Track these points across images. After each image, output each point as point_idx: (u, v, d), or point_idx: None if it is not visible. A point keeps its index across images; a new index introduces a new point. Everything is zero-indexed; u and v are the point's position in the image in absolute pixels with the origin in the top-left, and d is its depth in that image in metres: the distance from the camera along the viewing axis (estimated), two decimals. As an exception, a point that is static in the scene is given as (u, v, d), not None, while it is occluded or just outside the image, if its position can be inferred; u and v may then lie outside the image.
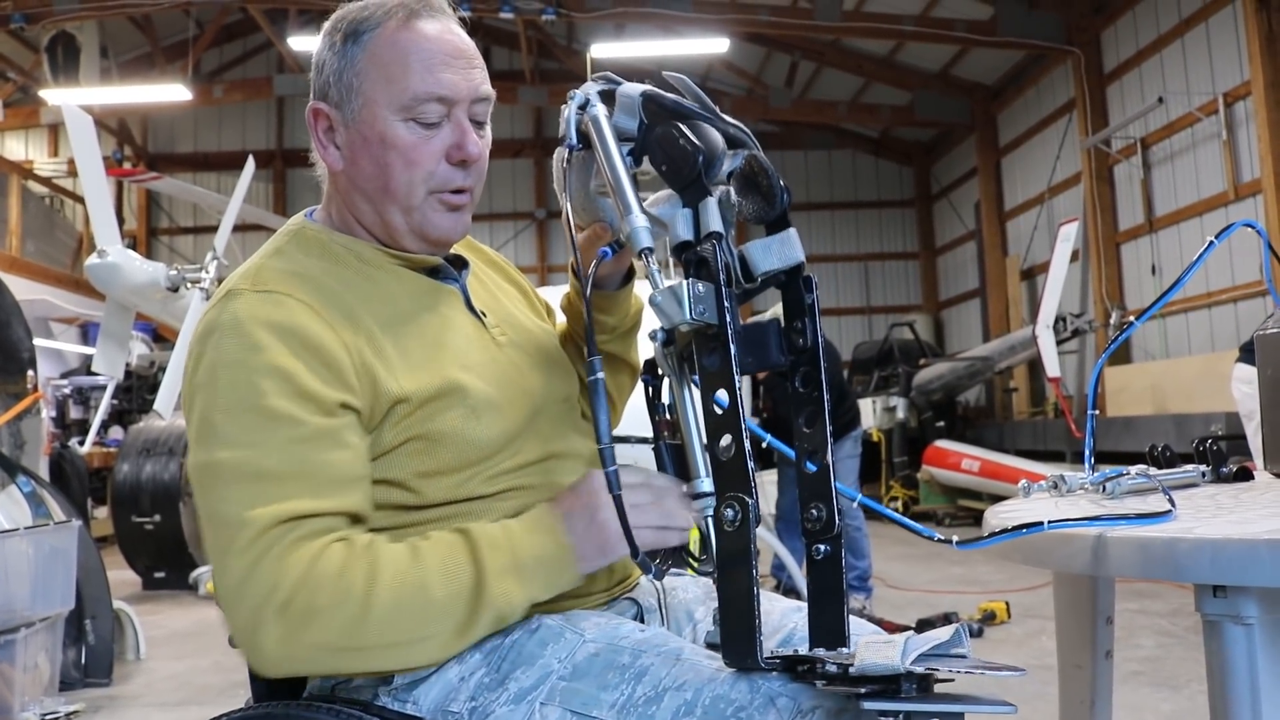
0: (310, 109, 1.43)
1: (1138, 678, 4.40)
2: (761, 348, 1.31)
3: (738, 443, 1.21)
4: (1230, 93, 9.82)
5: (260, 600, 1.19)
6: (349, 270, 1.39)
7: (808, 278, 1.33)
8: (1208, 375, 8.95)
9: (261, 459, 1.22)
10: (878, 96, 15.61)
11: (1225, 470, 1.89)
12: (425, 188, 1.39)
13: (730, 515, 1.18)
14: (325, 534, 1.23)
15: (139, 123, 17.55)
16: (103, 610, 5.14)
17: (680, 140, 1.27)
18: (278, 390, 1.24)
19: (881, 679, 1.10)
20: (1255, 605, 1.20)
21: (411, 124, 1.37)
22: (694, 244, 1.27)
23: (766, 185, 1.31)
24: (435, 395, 1.33)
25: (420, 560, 1.23)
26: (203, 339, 1.29)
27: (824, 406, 1.30)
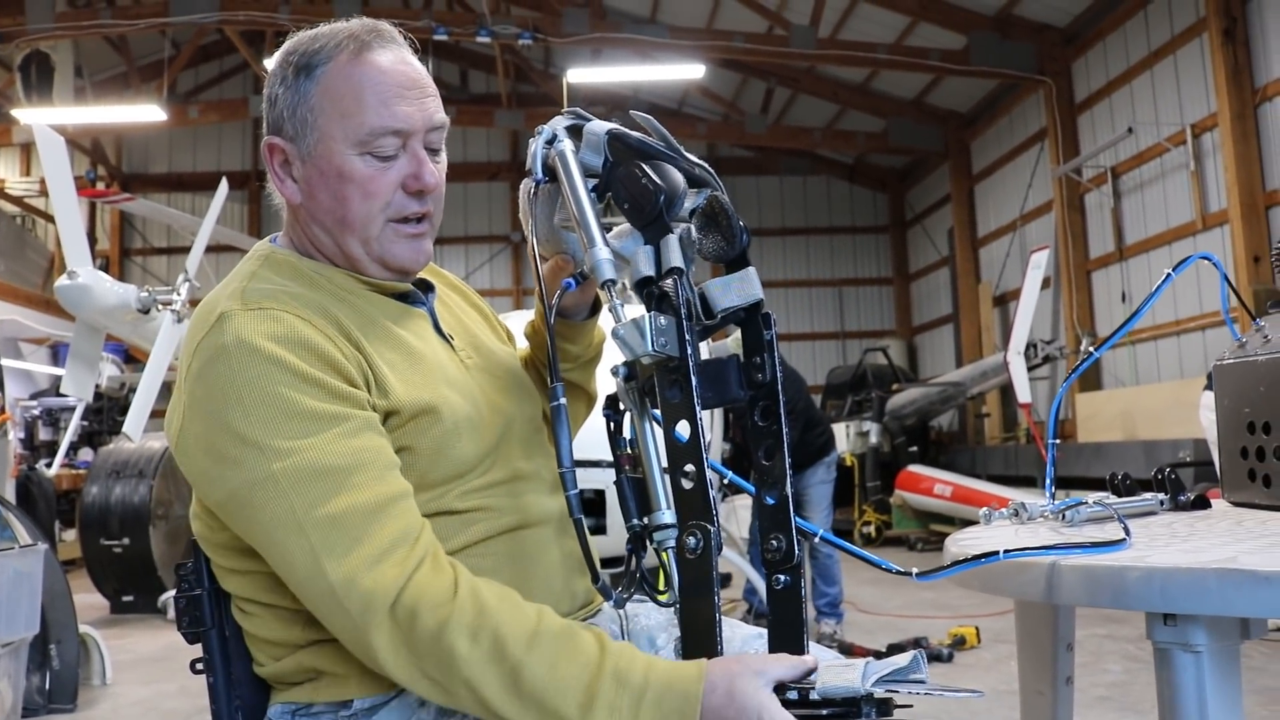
0: (265, 144, 1.43)
1: (1105, 703, 4.42)
2: (722, 383, 1.34)
3: (699, 473, 1.24)
4: (1198, 124, 9.97)
5: (377, 605, 1.19)
6: (323, 292, 1.39)
7: (766, 314, 1.36)
8: (1176, 402, 9.04)
9: (320, 458, 1.22)
10: (852, 123, 15.75)
11: (1184, 498, 1.92)
12: (383, 218, 1.40)
13: (692, 544, 1.20)
14: (428, 551, 1.23)
15: (113, 142, 17.47)
16: (68, 635, 5.08)
17: (643, 179, 1.30)
18: (313, 395, 1.25)
19: (842, 702, 1.12)
20: (1204, 633, 1.22)
21: (368, 157, 1.38)
22: (655, 279, 1.30)
23: (727, 225, 1.34)
24: (423, 410, 1.34)
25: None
26: (210, 364, 1.27)
27: (783, 440, 1.32)
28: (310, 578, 1.21)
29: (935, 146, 15.44)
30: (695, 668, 1.17)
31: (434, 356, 1.43)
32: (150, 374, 6.97)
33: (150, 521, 8.05)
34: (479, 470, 1.39)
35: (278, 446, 1.22)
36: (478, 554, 1.35)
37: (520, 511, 1.41)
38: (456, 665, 1.17)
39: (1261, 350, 1.83)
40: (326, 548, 1.20)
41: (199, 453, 1.28)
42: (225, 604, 1.43)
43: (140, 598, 8.07)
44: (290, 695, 1.37)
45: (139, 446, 8.38)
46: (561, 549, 1.46)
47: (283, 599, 1.33)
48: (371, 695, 1.32)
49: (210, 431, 1.26)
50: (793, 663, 1.18)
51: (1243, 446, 1.85)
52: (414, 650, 1.19)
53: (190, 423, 1.29)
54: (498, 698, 1.17)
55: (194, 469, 1.30)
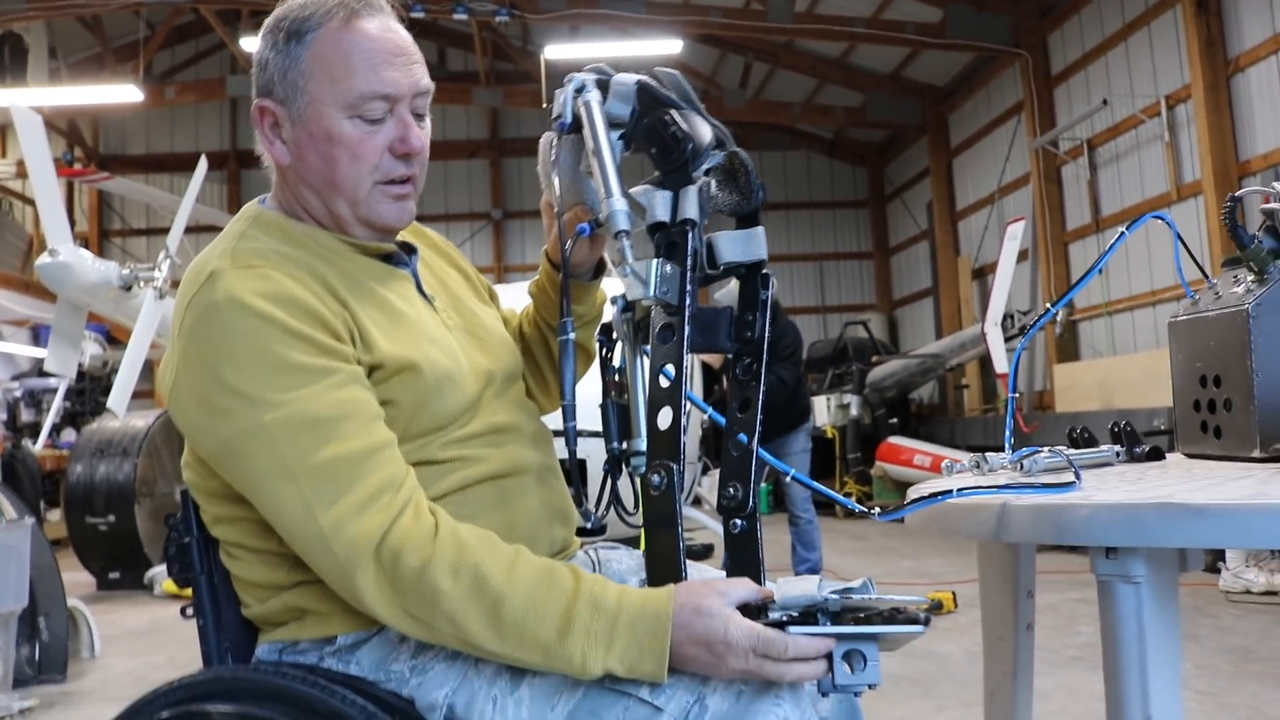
0: (256, 106, 1.48)
1: (1077, 662, 4.53)
2: (712, 331, 1.40)
3: (675, 416, 1.30)
4: (1172, 95, 10.05)
5: (363, 548, 1.26)
6: (310, 253, 1.44)
7: (766, 275, 1.42)
8: (1152, 372, 9.15)
9: (309, 410, 1.28)
10: (831, 98, 15.78)
11: (1138, 450, 1.99)
12: (371, 180, 1.45)
13: (656, 481, 1.27)
14: (411, 498, 1.29)
15: (90, 124, 17.36)
16: (56, 608, 5.13)
17: (672, 127, 1.35)
18: (302, 349, 1.31)
19: (801, 611, 1.19)
20: (1143, 565, 1.29)
21: (356, 120, 1.42)
22: (669, 226, 1.35)
23: (745, 181, 1.39)
24: (405, 366, 1.40)
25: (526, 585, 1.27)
26: (202, 320, 1.32)
27: (758, 395, 1.39)
28: (300, 523, 1.28)
29: (913, 120, 15.49)
30: (665, 591, 1.24)
31: (416, 316, 1.49)
32: (133, 351, 6.99)
33: (135, 499, 8.09)
34: (459, 423, 1.45)
35: (269, 399, 1.28)
36: (458, 501, 1.41)
37: (501, 460, 1.48)
38: (439, 601, 1.24)
39: (1213, 307, 1.90)
40: (316, 495, 1.27)
41: (191, 405, 1.34)
42: (213, 551, 1.49)
43: (126, 574, 8.12)
44: (277, 635, 1.44)
45: (123, 425, 8.41)
46: (541, 497, 1.52)
47: (269, 543, 1.39)
48: (354, 632, 1.39)
49: (203, 384, 1.31)
50: (754, 588, 1.26)
51: (1195, 400, 1.92)
52: (398, 589, 1.26)
53: (183, 376, 1.35)
54: (479, 630, 1.24)
55: (187, 420, 1.36)
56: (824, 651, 1.20)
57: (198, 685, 1.39)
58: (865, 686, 1.22)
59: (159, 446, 8.63)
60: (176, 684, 1.40)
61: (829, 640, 1.20)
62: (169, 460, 8.82)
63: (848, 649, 1.21)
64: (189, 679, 1.39)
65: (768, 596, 1.24)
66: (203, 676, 1.39)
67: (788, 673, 1.20)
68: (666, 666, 1.22)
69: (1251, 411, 1.72)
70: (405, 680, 1.35)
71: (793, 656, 1.19)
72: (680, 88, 1.43)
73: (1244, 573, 5.83)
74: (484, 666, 1.31)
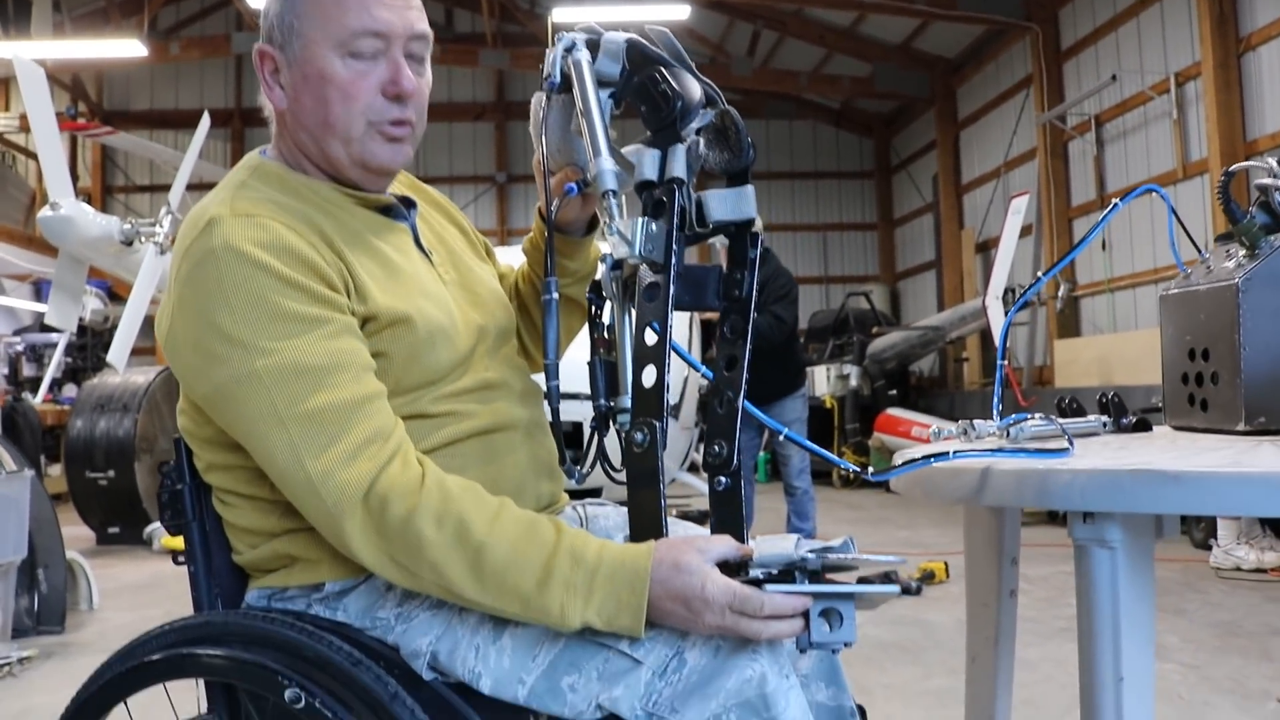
0: (256, 51, 1.49)
1: (1064, 633, 4.56)
2: (700, 289, 1.41)
3: (659, 374, 1.31)
4: (1181, 73, 9.99)
5: (351, 495, 1.28)
6: (308, 204, 1.45)
7: (754, 234, 1.42)
8: (1153, 348, 9.08)
9: (301, 357, 1.30)
10: (839, 68, 15.68)
11: (1125, 421, 2.01)
12: (364, 120, 1.45)
13: (639, 438, 1.29)
14: (399, 448, 1.31)
15: (94, 79, 17.28)
16: (55, 560, 5.18)
17: (662, 84, 1.36)
18: (296, 298, 1.32)
19: (779, 570, 1.21)
20: (1119, 530, 1.31)
21: (348, 60, 1.43)
22: (656, 185, 1.36)
23: (736, 139, 1.40)
24: (399, 319, 1.41)
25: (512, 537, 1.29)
26: (199, 266, 1.34)
27: (745, 354, 1.40)
28: (289, 469, 1.30)
29: (921, 92, 15.40)
30: (645, 546, 1.27)
31: (412, 269, 1.50)
32: (133, 305, 7.01)
33: (135, 455, 8.13)
34: (451, 378, 1.47)
35: (262, 345, 1.30)
36: (448, 454, 1.43)
37: (490, 416, 1.49)
38: (423, 549, 1.26)
39: (1203, 280, 1.91)
40: (305, 442, 1.29)
41: (187, 350, 1.35)
42: (205, 498, 1.51)
43: (126, 529, 8.17)
44: (266, 581, 1.46)
45: (124, 381, 8.44)
46: (529, 453, 1.54)
47: (261, 490, 1.41)
48: (341, 579, 1.41)
49: (198, 330, 1.33)
50: (734, 545, 1.28)
51: (1184, 373, 1.94)
52: (384, 536, 1.28)
53: (179, 322, 1.36)
54: (460, 578, 1.26)
55: (182, 365, 1.38)
56: (800, 609, 1.22)
57: (188, 629, 1.41)
58: (842, 644, 1.24)
59: (159, 403, 8.66)
60: (167, 628, 1.43)
61: (805, 598, 1.22)
62: (169, 417, 8.85)
63: (824, 607, 1.22)
64: (179, 623, 1.42)
65: (747, 554, 1.26)
66: (193, 621, 1.42)
67: (764, 630, 1.22)
68: (644, 621, 1.24)
69: (1238, 385, 1.73)
70: (390, 628, 1.38)
71: (769, 614, 1.21)
72: (671, 45, 1.43)
73: (1235, 549, 5.87)
74: (467, 616, 1.34)
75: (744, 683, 1.23)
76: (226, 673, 1.37)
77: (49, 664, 4.53)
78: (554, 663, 1.28)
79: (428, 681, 1.34)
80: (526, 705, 1.30)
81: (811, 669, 1.54)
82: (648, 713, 1.24)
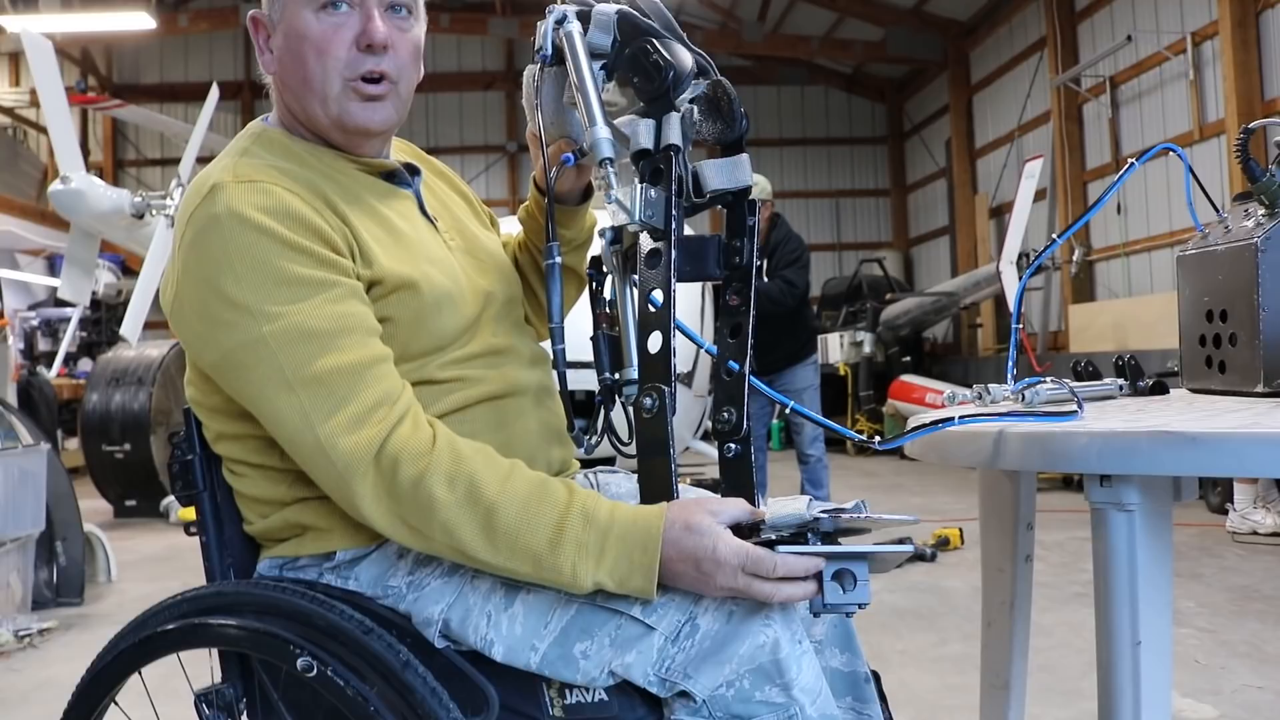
0: (249, 17, 1.49)
1: (1080, 598, 4.56)
2: (700, 259, 1.41)
3: (665, 340, 1.31)
4: (1198, 32, 9.86)
5: (361, 458, 1.27)
6: (312, 170, 1.44)
7: (752, 201, 1.42)
8: (1168, 313, 9.05)
9: (306, 321, 1.29)
10: (851, 32, 15.53)
11: (1142, 384, 1.99)
12: (340, 78, 1.43)
13: (649, 404, 1.28)
14: (408, 410, 1.31)
15: (103, 53, 17.24)
16: (73, 533, 5.22)
17: (653, 55, 1.35)
18: (301, 262, 1.31)
19: (791, 531, 1.20)
20: (1137, 493, 1.29)
21: (321, 15, 1.42)
22: (652, 153, 1.35)
23: (729, 109, 1.39)
24: (404, 283, 1.40)
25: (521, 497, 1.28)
26: (203, 233, 1.33)
27: (749, 321, 1.39)
28: (298, 433, 1.29)
29: (934, 56, 15.25)
30: (657, 508, 1.26)
31: (417, 235, 1.49)
32: (145, 278, 7.03)
33: (151, 428, 8.17)
34: (459, 343, 1.46)
35: (267, 310, 1.29)
36: (457, 420, 1.42)
37: (499, 382, 1.49)
38: (435, 510, 1.26)
39: (1222, 240, 1.89)
40: (313, 406, 1.28)
41: (193, 317, 1.35)
42: (216, 468, 1.51)
43: (142, 502, 8.23)
44: (278, 550, 1.46)
45: (138, 354, 8.47)
46: (539, 419, 1.53)
47: (271, 459, 1.41)
48: (353, 548, 1.41)
49: (203, 297, 1.32)
50: (746, 508, 1.27)
51: (1201, 335, 1.91)
52: (395, 498, 1.27)
53: (184, 289, 1.36)
54: (472, 540, 1.25)
55: (188, 333, 1.37)
56: (813, 571, 1.21)
57: (201, 599, 1.41)
58: (856, 606, 1.23)
59: (174, 376, 8.68)
60: (180, 598, 1.43)
61: (818, 560, 1.21)
62: (184, 389, 8.89)
63: (837, 568, 1.21)
64: (192, 593, 1.42)
65: (760, 517, 1.25)
66: (205, 591, 1.42)
67: (777, 592, 1.21)
68: (655, 582, 1.23)
69: (1257, 346, 1.71)
70: (402, 596, 1.37)
71: (781, 575, 1.20)
72: (663, 16, 1.42)
73: (1251, 514, 5.84)
74: (479, 583, 1.33)
75: (757, 648, 1.22)
76: (239, 642, 1.36)
77: (68, 635, 4.57)
78: (566, 629, 1.28)
79: (440, 650, 1.33)
80: (539, 672, 1.29)
81: (826, 635, 1.53)
82: (660, 679, 1.23)
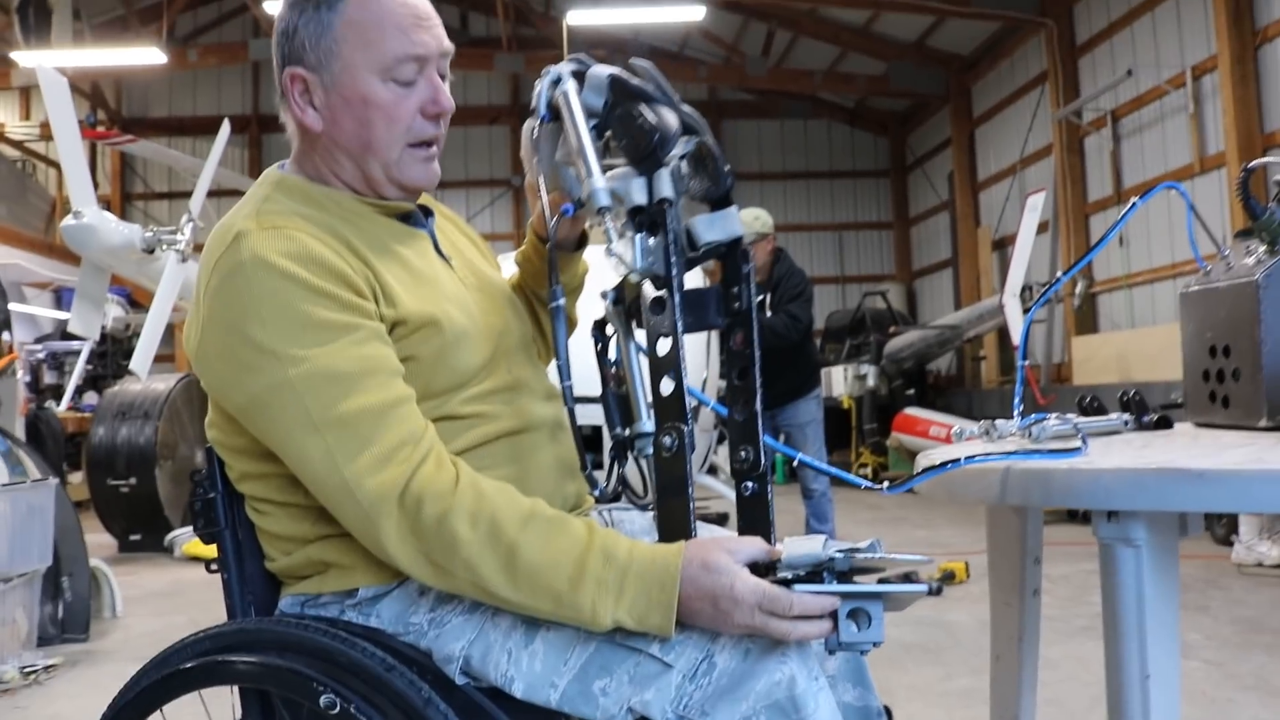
0: (286, 75, 1.50)
1: (1086, 631, 4.56)
2: (702, 309, 1.47)
3: (677, 381, 1.34)
4: (1198, 66, 9.94)
5: (386, 497, 1.31)
6: (331, 215, 1.48)
7: (744, 250, 1.48)
8: (1171, 345, 9.06)
9: (332, 364, 1.33)
10: (854, 66, 15.66)
11: (1147, 419, 2.01)
12: (403, 142, 1.50)
13: (668, 443, 1.31)
14: (431, 449, 1.34)
15: (112, 86, 17.39)
16: (79, 568, 5.22)
17: (640, 119, 1.41)
18: (325, 306, 1.35)
19: (806, 570, 1.23)
20: (1143, 529, 1.32)
21: (390, 84, 1.47)
22: (647, 208, 1.41)
23: (714, 167, 1.46)
24: (427, 322, 1.44)
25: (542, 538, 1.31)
26: (228, 279, 1.37)
27: (754, 362, 1.44)
28: (324, 474, 1.33)
29: (936, 90, 15.37)
30: (675, 546, 1.29)
31: (434, 274, 1.53)
32: (155, 313, 7.06)
33: (156, 462, 8.18)
34: (477, 379, 1.50)
35: (293, 354, 1.33)
36: (477, 456, 1.45)
37: (516, 417, 1.52)
38: (458, 548, 1.28)
39: (1224, 277, 1.92)
40: (339, 446, 1.31)
41: (218, 362, 1.39)
42: (238, 506, 1.53)
43: (148, 537, 8.21)
44: (300, 588, 1.48)
45: (144, 388, 8.49)
46: (555, 454, 1.57)
47: (295, 496, 1.44)
48: (375, 585, 1.43)
49: (229, 341, 1.36)
50: (763, 546, 1.29)
51: (1205, 370, 1.94)
52: (419, 536, 1.30)
53: (209, 335, 1.39)
54: (494, 577, 1.28)
55: (213, 377, 1.41)
56: (829, 609, 1.23)
57: (223, 636, 1.44)
58: (870, 645, 1.25)
59: (179, 410, 8.71)
60: (202, 635, 1.45)
61: (834, 598, 1.23)
62: (190, 423, 8.91)
63: (852, 607, 1.23)
64: (214, 630, 1.44)
65: (776, 556, 1.27)
66: (227, 628, 1.44)
67: (793, 630, 1.23)
68: (674, 620, 1.25)
69: (1259, 381, 1.74)
70: (423, 633, 1.40)
71: (798, 614, 1.22)
72: (654, 79, 1.48)
73: (1256, 545, 5.85)
74: (500, 620, 1.36)
75: (773, 685, 1.24)
76: (262, 679, 1.39)
77: (74, 671, 4.57)
78: (585, 666, 1.30)
79: (460, 686, 1.35)
80: (559, 709, 1.31)
81: (838, 670, 1.55)
82: (679, 715, 1.25)
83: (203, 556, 1.53)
